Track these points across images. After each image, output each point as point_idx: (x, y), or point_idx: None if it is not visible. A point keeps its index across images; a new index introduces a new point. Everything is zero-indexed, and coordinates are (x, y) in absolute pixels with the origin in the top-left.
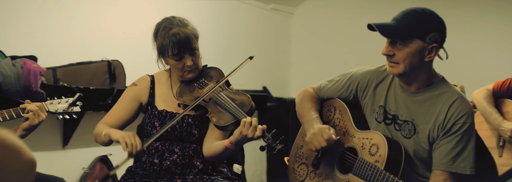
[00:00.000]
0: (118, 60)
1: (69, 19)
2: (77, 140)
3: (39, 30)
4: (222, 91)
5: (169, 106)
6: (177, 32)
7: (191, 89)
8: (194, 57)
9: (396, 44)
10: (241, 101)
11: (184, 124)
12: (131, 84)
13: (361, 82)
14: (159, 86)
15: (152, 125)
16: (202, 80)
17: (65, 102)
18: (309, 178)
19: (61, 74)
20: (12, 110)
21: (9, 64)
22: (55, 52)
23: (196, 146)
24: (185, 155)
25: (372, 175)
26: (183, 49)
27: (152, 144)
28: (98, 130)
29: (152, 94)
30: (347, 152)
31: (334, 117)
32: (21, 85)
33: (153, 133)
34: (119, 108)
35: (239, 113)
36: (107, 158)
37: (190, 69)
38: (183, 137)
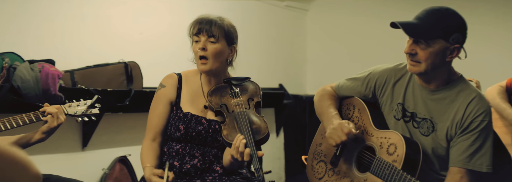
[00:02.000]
0: (134, 62)
1: (86, 22)
2: (96, 142)
3: (56, 34)
4: (248, 108)
5: (195, 108)
6: (204, 16)
7: (223, 94)
8: (209, 44)
9: (419, 44)
10: (258, 127)
11: (210, 130)
12: (159, 86)
13: (379, 80)
14: (187, 86)
15: (176, 128)
16: (237, 90)
17: (84, 104)
18: (327, 175)
19: (78, 77)
20: (32, 113)
21: (28, 68)
22: (72, 55)
23: (217, 151)
24: (205, 159)
25: (389, 175)
26: (202, 29)
27: (172, 147)
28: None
29: (179, 94)
30: (365, 150)
31: (352, 115)
32: (39, 89)
33: (177, 135)
34: (156, 117)
35: (249, 138)
36: (126, 158)
37: (203, 56)
38: (207, 142)
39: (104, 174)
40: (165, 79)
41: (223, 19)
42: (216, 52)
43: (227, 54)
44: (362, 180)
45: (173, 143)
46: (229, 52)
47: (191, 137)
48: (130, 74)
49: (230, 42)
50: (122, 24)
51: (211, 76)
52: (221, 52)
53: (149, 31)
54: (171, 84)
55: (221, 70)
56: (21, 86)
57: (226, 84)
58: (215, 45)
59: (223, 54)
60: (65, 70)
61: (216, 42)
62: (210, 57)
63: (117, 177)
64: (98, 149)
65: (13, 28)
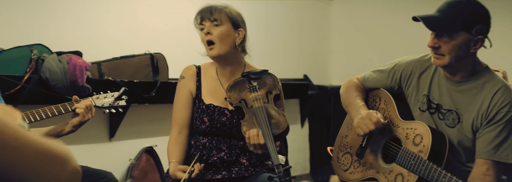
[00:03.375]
0: (160, 53)
1: (112, 14)
2: (123, 132)
3: (83, 26)
4: (267, 103)
5: (216, 99)
6: (205, 5)
7: (241, 89)
8: (213, 28)
9: (441, 37)
10: (277, 122)
11: (234, 121)
12: (180, 78)
13: (404, 72)
14: (206, 78)
15: (201, 120)
16: (255, 84)
17: (111, 96)
18: (353, 167)
19: (105, 69)
20: (61, 105)
21: (56, 60)
22: (99, 47)
23: (243, 144)
24: (232, 153)
25: (415, 165)
26: (204, 16)
27: (199, 140)
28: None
29: (199, 87)
30: (391, 142)
31: (379, 107)
32: (67, 80)
33: (202, 128)
34: (179, 108)
35: (268, 133)
36: (152, 149)
37: (209, 41)
38: (233, 132)
39: (131, 164)
40: (184, 71)
41: (225, 6)
42: (221, 35)
43: (234, 37)
44: (388, 171)
45: (200, 137)
46: (236, 36)
47: (216, 129)
48: (156, 66)
49: (236, 25)
50: (148, 16)
51: (224, 65)
52: (226, 34)
53: (174, 23)
54: (190, 75)
55: (232, 56)
56: (49, 77)
57: (244, 78)
58: (219, 28)
59: (229, 37)
60: (92, 62)
61: (220, 25)
62: (216, 40)
63: (143, 168)
64: (124, 140)
65: (41, 20)
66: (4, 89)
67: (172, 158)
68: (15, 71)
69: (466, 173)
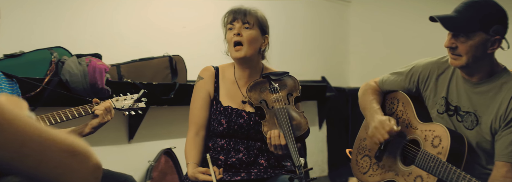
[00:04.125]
0: (179, 55)
1: (131, 16)
2: (142, 134)
3: (102, 28)
4: (288, 104)
5: (234, 101)
6: (238, 6)
7: (262, 89)
8: (244, 30)
9: (458, 37)
10: (298, 124)
11: (251, 122)
12: (198, 78)
13: (422, 74)
14: (224, 80)
15: (218, 122)
16: (276, 86)
17: (131, 98)
18: (372, 170)
19: (125, 71)
20: (81, 107)
21: (75, 62)
22: (118, 49)
23: (261, 145)
24: (250, 153)
25: (434, 167)
26: (237, 17)
27: (217, 142)
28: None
29: (217, 88)
30: (409, 144)
31: (397, 109)
32: (87, 82)
33: (219, 130)
34: (196, 109)
35: (289, 134)
36: (171, 151)
37: (237, 42)
38: (250, 134)
39: (150, 166)
40: (203, 72)
41: (256, 10)
42: (251, 38)
43: (260, 43)
44: (407, 173)
45: (217, 139)
46: (262, 42)
47: (234, 131)
48: (175, 68)
49: (263, 31)
50: (166, 19)
51: (244, 68)
52: (256, 38)
53: (192, 25)
54: (209, 76)
55: (254, 61)
56: (69, 80)
57: (264, 80)
58: (249, 31)
59: (257, 42)
60: (111, 64)
61: (250, 29)
62: (245, 42)
63: (162, 169)
64: (143, 142)
65: (60, 23)
66: (25, 92)
67: (190, 160)
68: (35, 73)
69: (486, 176)
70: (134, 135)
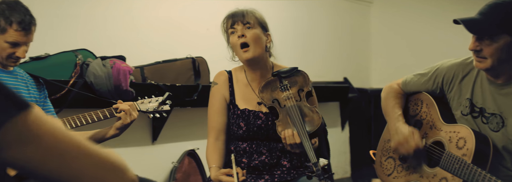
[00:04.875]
0: (202, 57)
1: (155, 19)
2: (166, 136)
3: (126, 31)
4: (299, 101)
5: (250, 104)
6: (233, 10)
7: (273, 89)
8: (247, 30)
9: (483, 40)
10: (311, 120)
11: (269, 123)
12: (212, 84)
13: (447, 75)
14: (237, 83)
15: (237, 125)
16: (286, 83)
17: (155, 101)
18: (396, 171)
19: (148, 73)
20: (106, 110)
21: (100, 64)
22: (142, 51)
23: (282, 146)
24: (272, 155)
25: (459, 169)
26: (236, 20)
27: (239, 145)
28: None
29: (232, 92)
30: (434, 145)
31: (421, 110)
32: (111, 84)
33: (240, 133)
34: (214, 114)
35: (302, 131)
36: (194, 152)
37: (244, 43)
38: (270, 135)
39: (174, 167)
40: (217, 77)
41: (253, 10)
42: (256, 37)
43: (264, 40)
44: (432, 175)
45: (239, 142)
46: (266, 39)
47: (254, 132)
48: (198, 70)
49: (264, 29)
50: (189, 21)
51: (255, 69)
52: (260, 37)
53: (215, 27)
54: (223, 81)
55: (263, 59)
56: (94, 82)
57: (275, 78)
58: (252, 30)
59: (262, 40)
60: (135, 66)
61: (253, 28)
62: (251, 42)
63: (186, 171)
64: (167, 143)
65: (85, 25)
66: (51, 94)
67: (212, 164)
68: (61, 76)
69: (511, 178)
70: (158, 137)
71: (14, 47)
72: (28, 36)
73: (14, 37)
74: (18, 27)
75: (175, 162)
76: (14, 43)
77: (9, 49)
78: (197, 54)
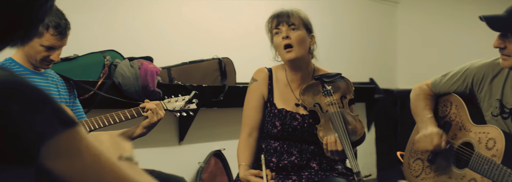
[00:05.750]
0: (228, 58)
1: (181, 20)
2: (192, 136)
3: (153, 32)
4: (342, 108)
5: (288, 104)
6: (279, 10)
7: (315, 92)
8: (292, 32)
9: (507, 37)
10: (354, 128)
11: (305, 125)
12: (251, 80)
13: (476, 76)
14: (277, 82)
15: (272, 124)
16: (329, 88)
17: (182, 100)
18: (424, 173)
19: (175, 73)
20: (133, 109)
21: (128, 65)
22: (169, 52)
23: (314, 148)
24: (302, 157)
25: (489, 170)
26: (281, 20)
27: (270, 144)
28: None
29: (271, 90)
30: (463, 146)
31: (450, 112)
32: (139, 85)
33: (274, 132)
34: (250, 110)
35: (345, 139)
36: (221, 152)
37: (287, 44)
38: (304, 137)
39: (200, 167)
40: (257, 73)
41: (298, 10)
42: (300, 39)
43: (308, 42)
44: (461, 176)
45: (271, 141)
46: (310, 41)
47: (288, 133)
48: (224, 70)
49: (309, 30)
50: (215, 22)
51: (296, 70)
52: (304, 39)
53: (241, 28)
54: (263, 78)
55: (305, 61)
56: (121, 82)
57: (317, 82)
58: (297, 32)
59: (306, 42)
60: (162, 67)
61: (297, 29)
62: (295, 44)
63: (212, 171)
64: (194, 143)
65: (113, 27)
66: (80, 94)
67: (242, 161)
68: (89, 76)
69: None
70: (185, 137)
71: (48, 50)
72: (63, 40)
73: (50, 41)
74: (54, 32)
75: (201, 162)
76: (49, 47)
77: (43, 53)
78: (223, 55)
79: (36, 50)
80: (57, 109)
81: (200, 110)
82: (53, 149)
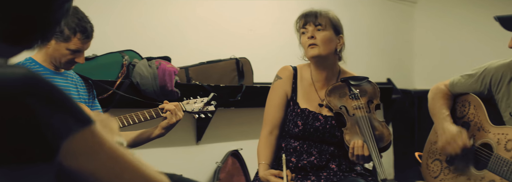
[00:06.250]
0: (245, 58)
1: (198, 20)
2: (210, 136)
3: (171, 32)
4: (369, 112)
5: (311, 104)
6: (308, 9)
7: (341, 94)
8: (317, 32)
9: None
10: (381, 134)
11: (327, 126)
12: (276, 78)
13: (495, 76)
14: (301, 81)
15: (294, 123)
16: (356, 92)
17: (200, 102)
18: (443, 174)
19: (193, 73)
20: (152, 110)
21: (146, 65)
22: (187, 52)
23: (333, 149)
24: (322, 157)
25: (508, 171)
26: (309, 20)
27: (290, 143)
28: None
29: (295, 89)
30: (482, 148)
31: (468, 112)
32: (157, 85)
33: (295, 131)
34: (272, 108)
35: (372, 145)
36: (238, 152)
37: (312, 44)
38: (326, 138)
39: (218, 167)
40: (281, 71)
41: (327, 11)
42: (325, 39)
43: (335, 43)
44: (479, 178)
45: (291, 140)
46: (337, 42)
47: (309, 133)
48: (241, 70)
49: (337, 31)
50: (232, 22)
51: (321, 69)
52: (329, 39)
53: (258, 28)
54: (287, 76)
55: (330, 61)
56: (140, 82)
57: (343, 84)
58: (323, 32)
59: (332, 42)
60: (180, 66)
61: (323, 30)
62: (319, 43)
63: (229, 171)
64: (211, 143)
65: (131, 27)
66: (98, 94)
67: (262, 160)
68: (108, 76)
69: None
70: (202, 137)
71: (74, 53)
72: (89, 43)
73: (76, 45)
74: (81, 36)
75: (219, 162)
76: (75, 51)
77: (69, 56)
78: (241, 55)
79: (62, 53)
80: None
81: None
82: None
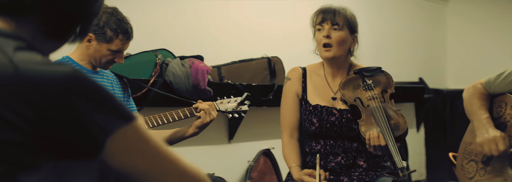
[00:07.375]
0: (277, 57)
1: (231, 19)
2: (242, 135)
3: (204, 31)
4: (383, 102)
5: (323, 99)
6: (327, 6)
7: (355, 86)
8: (333, 32)
9: None
10: (396, 123)
11: (343, 120)
12: (285, 80)
13: None
14: (311, 78)
15: (310, 122)
16: (369, 82)
17: (234, 101)
18: (478, 175)
19: (225, 72)
20: (186, 109)
21: (179, 64)
22: (219, 51)
23: (357, 145)
24: (348, 156)
25: None
26: (326, 18)
27: (313, 148)
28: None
29: (304, 88)
30: None
31: (505, 112)
32: (190, 84)
33: (312, 129)
34: (288, 111)
35: (388, 134)
36: (270, 151)
37: (326, 43)
38: (344, 132)
39: (250, 166)
40: (290, 72)
41: (345, 9)
42: (340, 40)
43: (349, 43)
44: None
45: (313, 143)
46: (351, 41)
47: (327, 129)
48: (273, 69)
49: (352, 31)
50: (264, 21)
51: (334, 67)
52: (344, 40)
53: (290, 27)
54: (296, 77)
55: (343, 60)
56: (173, 81)
57: (356, 76)
58: (339, 32)
59: (346, 43)
60: (212, 65)
61: (339, 30)
62: (334, 44)
63: (261, 170)
64: (243, 142)
65: (165, 27)
66: (132, 92)
67: (292, 163)
68: (141, 75)
69: None
70: (234, 136)
71: (114, 54)
72: (128, 43)
73: (118, 46)
74: (123, 37)
75: (251, 161)
76: (116, 51)
77: (109, 56)
78: (273, 54)
79: (103, 54)
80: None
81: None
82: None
